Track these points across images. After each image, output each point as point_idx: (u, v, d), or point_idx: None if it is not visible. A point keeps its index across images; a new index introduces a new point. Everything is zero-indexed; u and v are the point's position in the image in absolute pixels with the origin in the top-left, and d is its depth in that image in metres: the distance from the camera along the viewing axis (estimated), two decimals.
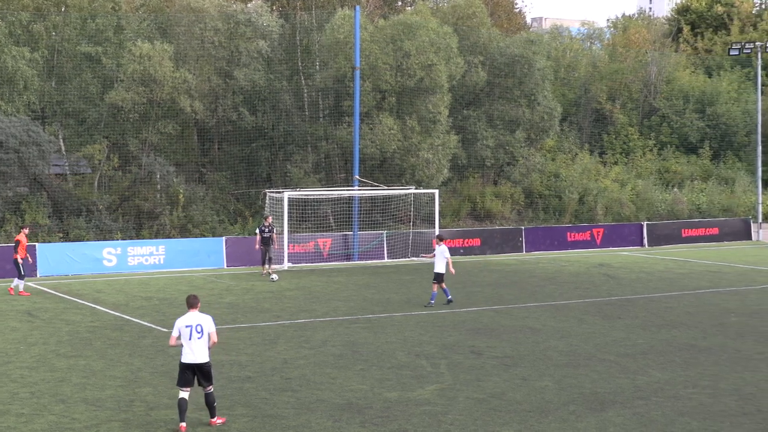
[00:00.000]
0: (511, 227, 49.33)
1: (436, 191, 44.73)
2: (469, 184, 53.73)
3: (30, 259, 33.66)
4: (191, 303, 16.60)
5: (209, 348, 16.48)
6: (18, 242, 32.39)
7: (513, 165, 54.16)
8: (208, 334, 16.40)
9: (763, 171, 58.34)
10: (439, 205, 45.22)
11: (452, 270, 30.22)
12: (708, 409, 18.04)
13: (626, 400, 18.64)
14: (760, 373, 20.94)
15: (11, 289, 32.20)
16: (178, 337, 16.43)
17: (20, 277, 32.02)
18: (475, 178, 54.53)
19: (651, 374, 20.80)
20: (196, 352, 16.31)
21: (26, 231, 33.33)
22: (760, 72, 56.84)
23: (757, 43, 56.31)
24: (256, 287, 34.30)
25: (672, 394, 19.10)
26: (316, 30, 49.80)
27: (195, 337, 16.28)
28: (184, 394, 16.41)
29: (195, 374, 16.42)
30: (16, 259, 32.09)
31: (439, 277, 29.70)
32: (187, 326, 16.31)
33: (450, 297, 30.03)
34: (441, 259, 29.64)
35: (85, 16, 46.63)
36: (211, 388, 16.52)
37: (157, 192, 45.32)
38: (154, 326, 26.36)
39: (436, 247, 29.97)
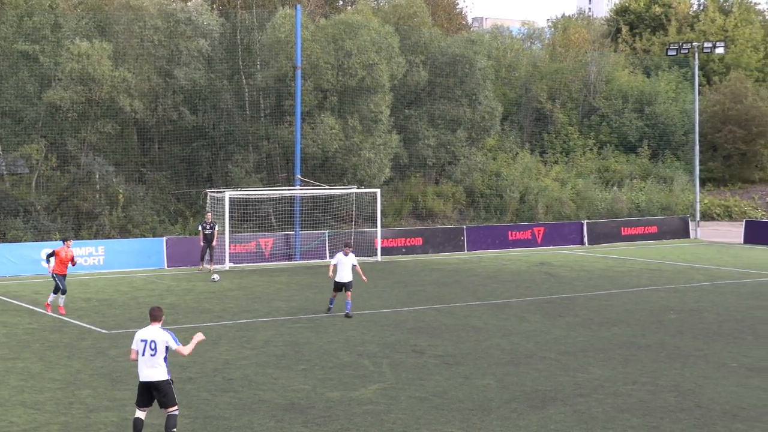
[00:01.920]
0: (452, 226, 49.49)
1: (378, 191, 44.75)
2: (411, 184, 53.82)
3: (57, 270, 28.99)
4: (153, 316, 15.52)
5: (165, 365, 15.19)
6: (54, 254, 28.53)
7: (454, 164, 54.33)
8: (165, 349, 15.11)
9: (700, 170, 59.06)
10: (381, 204, 45.23)
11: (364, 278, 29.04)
12: (647, 405, 18.23)
13: (567, 397, 18.78)
14: (699, 370, 21.20)
15: (48, 305, 28.73)
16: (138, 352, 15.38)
17: (56, 291, 28.46)
18: (417, 177, 54.63)
19: (591, 372, 20.97)
20: (148, 370, 15.13)
21: (70, 243, 29.14)
22: (697, 72, 57.55)
23: (694, 44, 56.97)
24: (198, 288, 34.07)
25: (612, 391, 19.27)
26: (256, 29, 49.57)
27: (148, 354, 15.12)
28: (140, 413, 15.37)
29: (152, 393, 15.26)
30: (54, 273, 28.40)
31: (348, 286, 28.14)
32: (142, 341, 15.23)
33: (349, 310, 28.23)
34: (350, 266, 28.10)
35: (21, 14, 45.99)
36: (172, 410, 15.21)
37: (96, 192, 44.84)
38: (93, 328, 26.08)
39: (350, 254, 28.22)
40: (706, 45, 57.10)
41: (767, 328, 26.40)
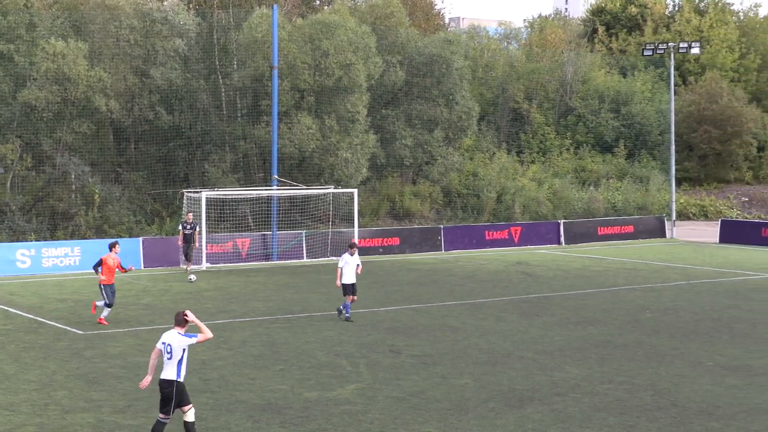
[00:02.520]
0: (429, 226, 49.51)
1: (355, 191, 44.71)
2: (388, 184, 53.80)
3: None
4: (176, 320, 15.23)
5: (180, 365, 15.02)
6: (101, 262, 26.38)
7: (431, 164, 54.36)
8: (182, 352, 14.99)
9: (676, 170, 59.32)
10: (358, 204, 45.20)
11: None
12: (624, 404, 18.28)
13: (544, 396, 18.81)
14: (675, 368, 21.28)
15: (101, 319, 26.72)
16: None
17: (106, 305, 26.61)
18: (394, 177, 54.62)
19: (568, 371, 21.02)
20: (164, 370, 15.07)
21: (117, 248, 26.85)
22: (673, 72, 57.79)
23: (669, 44, 57.19)
24: (174, 288, 33.95)
25: (589, 390, 19.32)
26: (233, 29, 49.45)
27: (165, 356, 15.07)
28: (163, 419, 15.20)
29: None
30: (101, 285, 26.46)
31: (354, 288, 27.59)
32: (162, 343, 15.14)
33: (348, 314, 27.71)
34: (355, 267, 27.60)
35: None
36: (188, 417, 15.21)
37: (72, 192, 44.62)
38: (69, 329, 25.94)
39: (355, 254, 27.62)
40: (681, 45, 57.38)
41: (743, 327, 26.54)
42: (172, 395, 15.06)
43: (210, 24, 49.67)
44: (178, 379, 15.07)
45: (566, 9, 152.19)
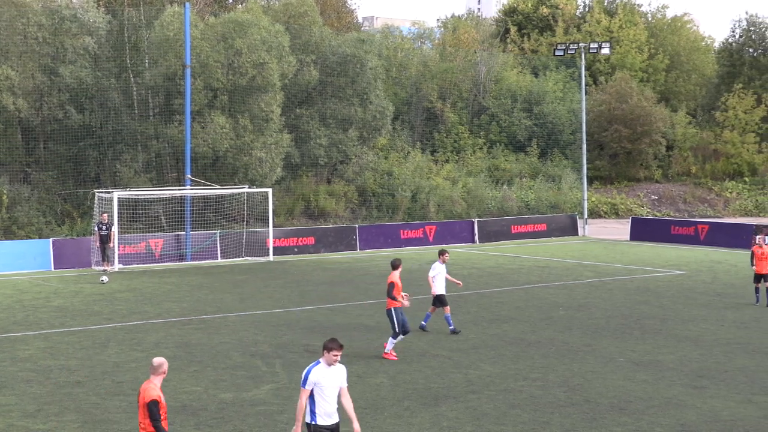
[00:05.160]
0: (345, 225, 49.50)
1: (270, 190, 44.52)
2: (303, 183, 53.68)
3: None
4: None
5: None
6: (393, 285, 22.83)
7: (346, 163, 54.37)
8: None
9: (588, 168, 60.13)
10: (273, 204, 45.01)
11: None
12: (538, 400, 18.46)
13: (459, 394, 18.91)
14: (587, 365, 21.55)
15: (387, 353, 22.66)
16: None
17: (394, 335, 22.68)
18: (309, 176, 54.52)
19: (482, 368, 21.16)
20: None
21: (399, 269, 23.27)
22: (584, 72, 58.56)
23: (580, 44, 57.93)
24: (86, 290, 33.43)
25: (503, 387, 19.47)
26: (144, 27, 48.88)
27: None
28: None
29: None
30: (390, 309, 22.76)
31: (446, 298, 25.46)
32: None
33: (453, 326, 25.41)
34: (445, 276, 25.45)
35: None
36: None
37: None
38: None
39: (446, 261, 25.38)
40: (592, 46, 58.22)
41: (653, 323, 26.98)
42: None
43: (121, 22, 49.03)
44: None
45: (479, 9, 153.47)
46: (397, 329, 22.44)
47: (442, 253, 25.69)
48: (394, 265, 23.14)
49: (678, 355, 22.66)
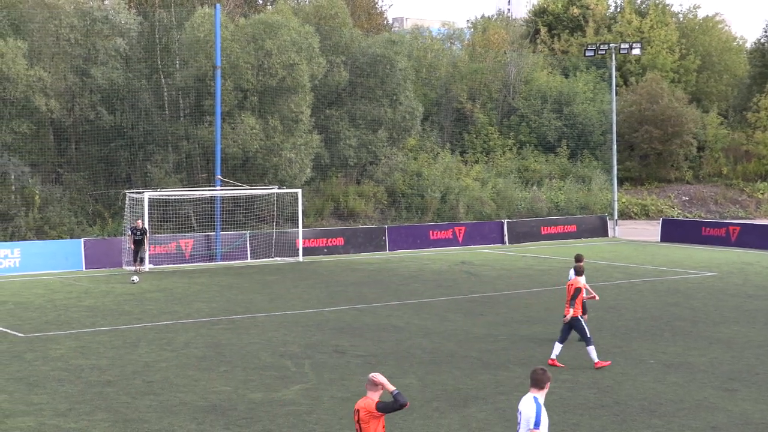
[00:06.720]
0: (374, 226, 49.51)
1: (299, 191, 44.59)
2: (332, 184, 53.74)
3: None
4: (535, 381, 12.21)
5: None
6: (578, 291, 21.44)
7: (375, 164, 54.39)
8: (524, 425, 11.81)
9: (618, 169, 59.88)
10: (302, 204, 45.10)
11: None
12: (567, 402, 18.40)
13: (488, 395, 18.88)
14: (617, 366, 21.46)
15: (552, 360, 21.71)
16: None
17: (588, 342, 21.44)
18: (338, 177, 54.57)
19: (512, 369, 21.12)
20: None
21: (583, 274, 22.11)
22: (614, 73, 58.31)
23: (611, 45, 57.71)
24: (116, 290, 33.63)
25: None
26: (175, 28, 49.09)
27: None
28: None
29: None
30: (577, 317, 21.43)
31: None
32: (518, 411, 12.07)
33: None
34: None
35: None
36: None
37: (11, 193, 44.03)
38: (9, 331, 25.59)
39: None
40: (622, 46, 57.98)
41: (683, 325, 26.84)
42: None
43: (152, 23, 49.27)
44: None
45: (509, 10, 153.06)
46: (588, 335, 21.32)
47: (581, 258, 23.84)
48: (580, 271, 21.78)
49: (709, 357, 22.53)
